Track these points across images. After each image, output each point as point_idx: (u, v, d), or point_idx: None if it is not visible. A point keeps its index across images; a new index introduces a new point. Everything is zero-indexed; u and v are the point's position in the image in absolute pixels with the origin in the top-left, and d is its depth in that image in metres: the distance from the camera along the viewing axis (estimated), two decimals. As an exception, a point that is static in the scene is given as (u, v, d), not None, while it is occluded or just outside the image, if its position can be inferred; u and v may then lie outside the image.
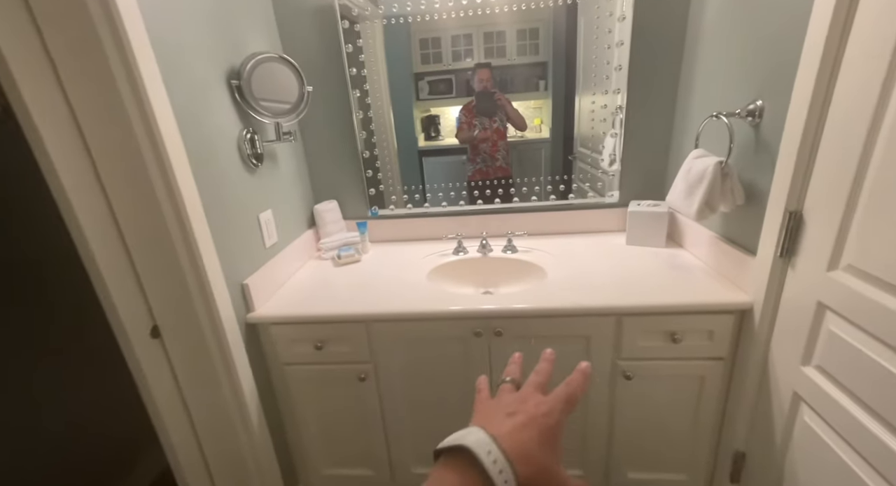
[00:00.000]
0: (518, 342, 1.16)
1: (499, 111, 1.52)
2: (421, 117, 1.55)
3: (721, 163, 1.02)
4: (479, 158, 1.58)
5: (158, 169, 0.84)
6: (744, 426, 1.10)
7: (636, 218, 1.43)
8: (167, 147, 0.84)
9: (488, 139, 1.55)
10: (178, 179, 0.86)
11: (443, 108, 1.54)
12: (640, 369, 1.14)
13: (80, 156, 0.82)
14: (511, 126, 1.54)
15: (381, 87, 1.49)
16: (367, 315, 1.14)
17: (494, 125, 1.53)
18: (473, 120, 1.54)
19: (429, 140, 1.58)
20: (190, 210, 0.89)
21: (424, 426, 1.30)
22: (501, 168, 1.58)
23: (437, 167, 1.60)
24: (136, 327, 0.92)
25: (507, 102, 1.50)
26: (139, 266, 0.91)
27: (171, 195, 0.86)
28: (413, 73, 1.48)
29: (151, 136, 0.81)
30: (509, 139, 1.55)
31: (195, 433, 1.07)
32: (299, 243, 1.47)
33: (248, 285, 1.14)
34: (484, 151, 1.57)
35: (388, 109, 1.52)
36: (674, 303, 1.06)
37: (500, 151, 1.56)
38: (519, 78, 1.48)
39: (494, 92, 1.49)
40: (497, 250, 1.49)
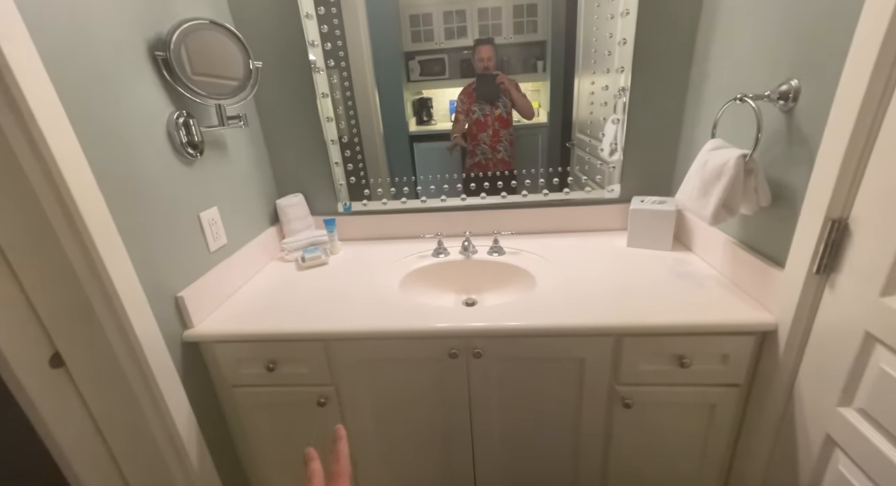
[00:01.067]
0: (501, 365, 1.00)
1: (502, 96, 1.33)
2: (412, 100, 1.37)
3: (745, 156, 0.84)
4: (478, 149, 1.39)
5: (38, 165, 0.66)
6: (761, 463, 0.95)
7: (639, 217, 1.25)
8: (45, 135, 0.65)
9: (489, 128, 1.37)
10: (66, 176, 0.68)
11: (435, 90, 1.35)
12: (642, 396, 0.99)
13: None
14: (517, 113, 1.35)
15: (364, 66, 1.30)
16: (325, 334, 0.97)
17: (497, 112, 1.34)
18: (473, 105, 1.35)
19: (421, 125, 1.40)
20: (85, 212, 0.71)
21: (397, 452, 1.15)
22: (503, 161, 1.39)
23: (431, 154, 1.42)
24: (28, 357, 0.75)
25: (513, 86, 1.31)
26: (26, 283, 0.73)
27: (58, 196, 0.68)
28: (403, 51, 1.29)
29: (20, 118, 0.63)
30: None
31: (122, 477, 0.92)
32: (258, 244, 1.29)
33: (182, 298, 0.96)
34: (484, 141, 1.38)
35: (373, 90, 1.33)
36: (683, 322, 0.90)
37: (503, 142, 1.38)
38: (516, 59, 1.30)
39: (497, 74, 1.30)
40: (482, 252, 1.32)
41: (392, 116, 1.37)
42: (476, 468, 1.14)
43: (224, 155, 1.17)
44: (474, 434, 1.09)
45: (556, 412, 1.05)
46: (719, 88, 1.07)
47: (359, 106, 1.34)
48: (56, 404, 0.79)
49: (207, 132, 1.08)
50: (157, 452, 0.91)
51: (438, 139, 1.41)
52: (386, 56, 1.30)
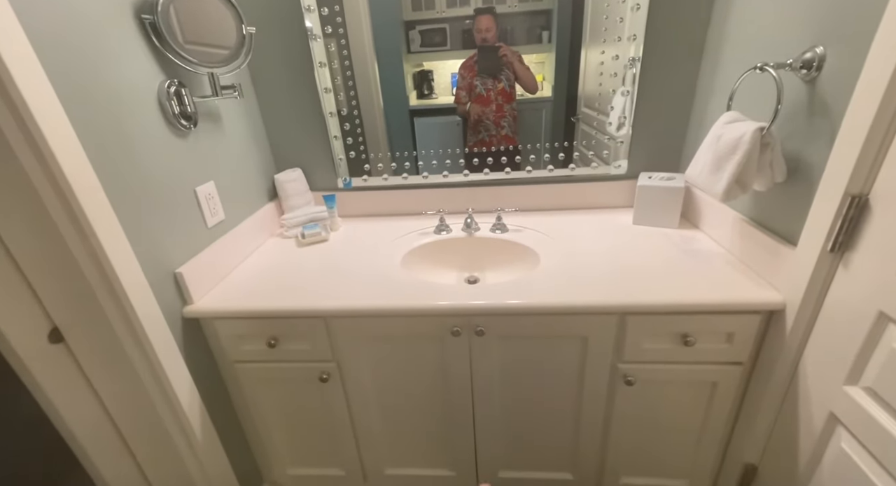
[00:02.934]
0: (503, 343, 1.00)
1: (504, 69, 1.27)
2: (412, 73, 1.31)
3: (762, 129, 0.81)
4: (481, 125, 1.34)
5: (23, 136, 0.63)
6: (759, 439, 0.95)
7: (646, 193, 1.22)
8: (31, 107, 0.62)
9: (492, 103, 1.31)
10: (53, 147, 0.65)
11: (437, 62, 1.29)
12: (644, 374, 0.98)
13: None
14: (520, 87, 1.29)
15: (363, 34, 1.23)
16: (327, 311, 0.96)
17: (500, 86, 1.29)
18: (475, 80, 1.29)
19: (421, 98, 1.34)
20: (76, 185, 0.68)
21: (398, 427, 1.16)
22: (507, 137, 1.35)
23: (431, 129, 1.37)
24: (27, 332, 0.74)
25: (517, 58, 1.25)
26: (19, 257, 0.71)
27: (46, 169, 0.65)
28: (403, 20, 1.22)
29: (4, 91, 0.59)
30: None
31: (128, 449, 0.93)
32: (256, 220, 1.27)
33: (181, 274, 0.95)
34: (487, 117, 1.33)
35: (372, 61, 1.27)
36: (689, 301, 0.89)
37: (507, 118, 1.33)
38: (519, 29, 1.23)
39: (499, 46, 1.24)
40: (485, 229, 1.29)
41: (392, 89, 1.31)
42: (477, 443, 1.16)
43: (219, 127, 1.13)
44: (476, 410, 1.10)
45: (558, 389, 1.05)
46: (738, 56, 1.02)
47: (357, 77, 1.29)
48: (57, 379, 0.79)
49: (201, 103, 1.03)
50: (162, 425, 0.92)
51: (440, 114, 1.36)
52: (385, 25, 1.24)
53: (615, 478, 1.17)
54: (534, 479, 1.21)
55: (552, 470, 1.19)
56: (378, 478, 1.25)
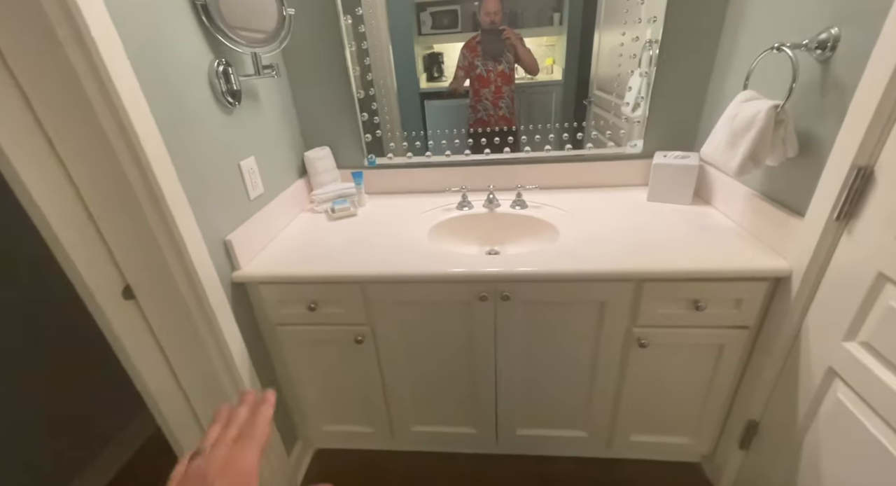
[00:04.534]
0: (527, 308, 1.08)
1: (507, 52, 1.31)
2: (423, 55, 1.35)
3: (777, 107, 0.86)
4: (480, 105, 1.40)
5: (107, 107, 0.70)
6: (761, 396, 1.04)
7: (661, 171, 1.28)
8: (114, 81, 0.69)
9: (491, 84, 1.36)
10: (132, 118, 0.72)
11: (447, 45, 1.33)
12: (657, 337, 1.06)
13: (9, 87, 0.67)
14: (521, 68, 1.34)
15: (379, 16, 1.28)
16: (363, 276, 1.04)
17: (500, 68, 1.33)
18: (476, 60, 1.34)
19: (431, 81, 1.39)
20: (150, 155, 0.75)
21: (425, 387, 1.26)
22: (504, 118, 1.40)
23: (441, 112, 1.43)
24: (105, 288, 0.83)
25: (519, 41, 1.29)
26: (99, 221, 0.79)
27: (126, 137, 0.72)
28: (414, 2, 1.26)
29: (91, 63, 0.66)
30: (516, 82, 1.36)
31: (185, 395, 1.02)
32: (289, 195, 1.34)
33: (231, 242, 1.03)
34: (486, 97, 1.38)
35: (387, 43, 1.32)
36: (702, 269, 0.96)
37: (505, 99, 1.38)
38: (530, 10, 1.26)
39: (503, 29, 1.28)
40: (505, 206, 1.36)
41: (404, 72, 1.35)
42: (498, 402, 1.25)
43: (257, 105, 1.19)
44: (498, 371, 1.19)
45: (575, 352, 1.14)
46: (754, 36, 1.06)
47: (373, 59, 1.33)
48: (129, 331, 0.88)
49: (244, 81, 1.09)
50: (216, 378, 1.01)
51: (450, 97, 1.40)
52: (398, 6, 1.27)
53: (625, 436, 1.26)
54: (550, 436, 1.30)
55: (567, 428, 1.29)
56: (405, 434, 1.35)
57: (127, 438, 1.52)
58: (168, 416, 1.00)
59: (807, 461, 0.91)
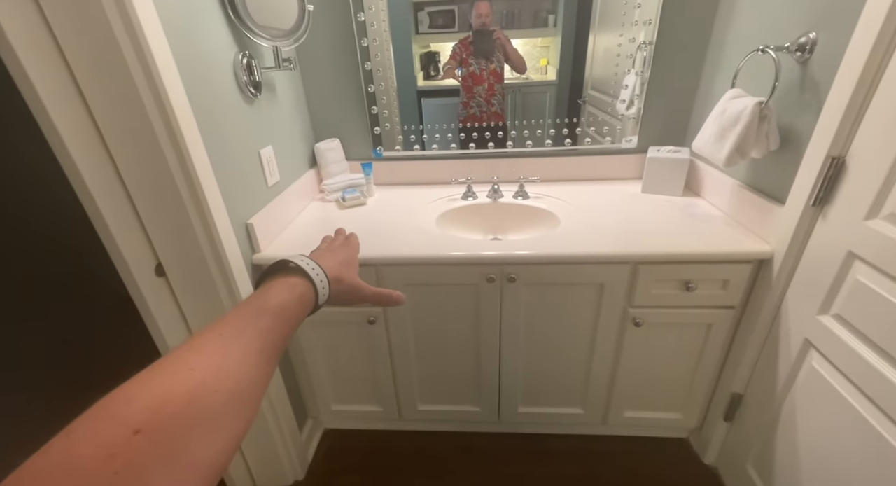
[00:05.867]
0: (531, 289, 1.15)
1: (497, 51, 1.39)
2: (420, 53, 1.42)
3: (761, 103, 0.95)
4: (473, 101, 1.47)
5: (150, 91, 0.75)
6: (745, 370, 1.13)
7: (655, 165, 1.37)
8: (159, 68, 0.74)
9: (485, 82, 1.43)
10: (174, 103, 0.77)
11: (443, 43, 1.40)
12: (650, 317, 1.15)
13: (61, 73, 0.72)
14: (510, 68, 1.41)
15: (380, 14, 1.34)
16: (378, 259, 1.11)
17: (491, 66, 1.41)
18: (469, 58, 1.41)
19: (428, 79, 1.46)
20: (187, 137, 0.81)
21: (432, 367, 1.32)
22: (496, 114, 1.48)
23: (437, 109, 1.49)
24: (140, 264, 0.88)
25: (508, 41, 1.37)
26: (136, 199, 0.84)
27: (166, 120, 0.78)
28: (412, 1, 1.33)
29: (139, 49, 0.71)
30: (508, 81, 1.43)
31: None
32: (301, 184, 1.40)
33: (252, 225, 1.08)
34: (479, 94, 1.45)
35: (388, 40, 1.38)
36: (692, 252, 1.04)
37: (497, 96, 1.45)
38: (525, 11, 1.33)
39: (494, 30, 1.35)
40: (508, 196, 1.44)
41: (403, 69, 1.41)
42: (501, 378, 1.32)
43: (274, 97, 1.24)
44: (502, 350, 1.26)
45: (574, 332, 1.22)
46: (740, 39, 1.15)
47: (376, 56, 1.38)
48: (159, 304, 0.93)
49: (264, 73, 1.15)
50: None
51: (447, 95, 1.46)
52: (397, 5, 1.32)
53: (619, 412, 1.35)
54: (549, 413, 1.38)
55: (565, 406, 1.37)
56: (411, 413, 1.42)
57: None
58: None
59: (784, 427, 1.00)
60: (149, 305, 0.90)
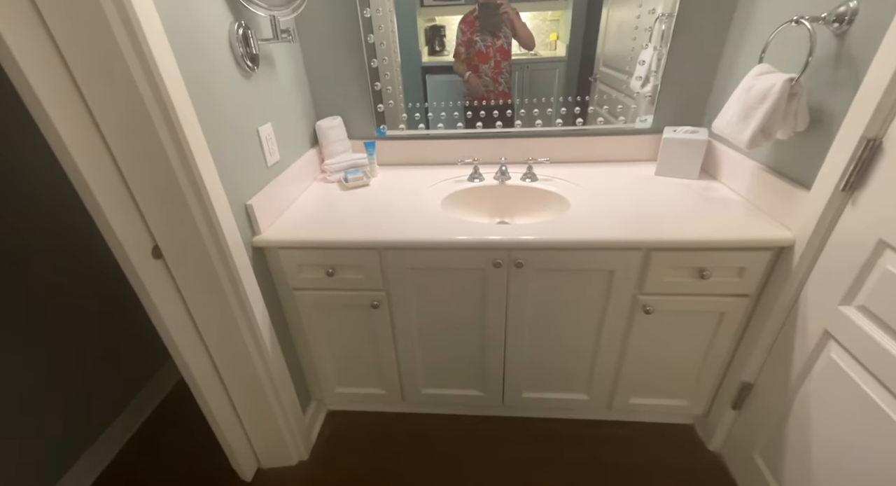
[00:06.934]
0: (538, 275, 1.12)
1: (504, 26, 1.30)
2: (425, 27, 1.34)
3: (791, 80, 0.88)
4: (480, 81, 1.40)
5: (139, 60, 0.70)
6: (757, 360, 1.10)
7: (671, 146, 1.31)
8: (147, 36, 0.69)
9: (490, 59, 1.36)
10: (164, 74, 0.73)
11: (449, 17, 1.32)
12: (661, 304, 1.11)
13: (43, 42, 0.67)
14: (517, 43, 1.33)
15: None
16: (381, 242, 1.07)
17: (499, 43, 1.33)
18: (475, 35, 1.33)
19: (433, 55, 1.39)
20: (181, 113, 0.76)
21: (436, 351, 1.31)
22: (504, 93, 1.41)
23: (443, 87, 1.42)
24: (136, 247, 0.85)
25: (516, 15, 1.29)
26: (129, 178, 0.81)
27: (157, 92, 0.73)
28: None
29: (125, 17, 0.66)
30: (515, 58, 1.35)
31: (207, 352, 1.06)
32: (302, 163, 1.35)
33: (252, 206, 1.05)
34: (486, 73, 1.38)
35: (392, 11, 1.30)
36: (709, 238, 1.00)
37: (504, 74, 1.38)
38: None
39: (501, 3, 1.27)
40: (516, 178, 1.39)
41: (407, 44, 1.34)
42: (506, 364, 1.30)
43: (273, 72, 1.18)
44: (507, 336, 1.24)
45: (582, 318, 1.19)
46: (773, 10, 1.07)
47: (380, 29, 1.31)
48: (157, 287, 0.91)
49: (261, 46, 1.09)
50: (240, 337, 1.04)
51: (451, 72, 1.39)
52: None
53: (625, 398, 1.33)
54: (553, 398, 1.37)
55: (570, 391, 1.35)
56: (415, 397, 1.41)
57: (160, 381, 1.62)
58: (194, 371, 1.03)
59: (796, 417, 0.98)
60: (146, 287, 0.87)
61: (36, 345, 1.19)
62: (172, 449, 1.43)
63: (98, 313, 1.39)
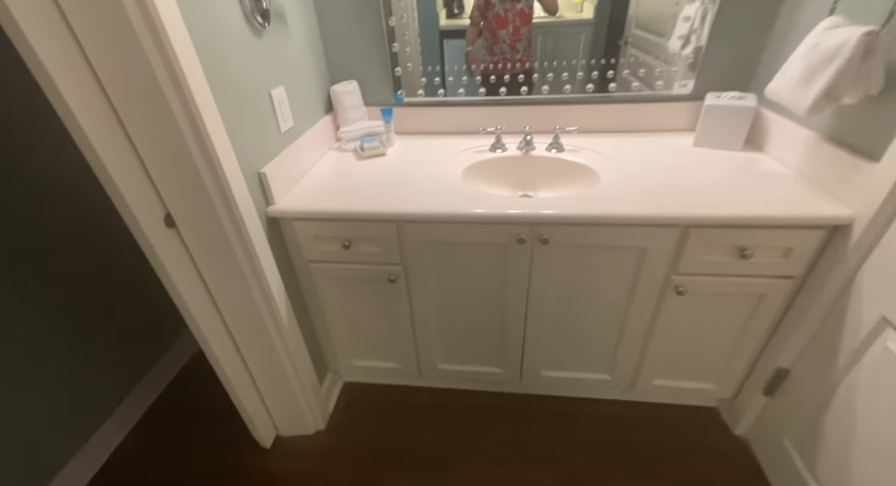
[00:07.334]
0: (564, 252, 1.06)
1: None
2: None
3: (870, 34, 0.77)
4: (496, 47, 1.29)
5: (143, 17, 0.64)
6: (797, 345, 1.04)
7: (714, 113, 1.20)
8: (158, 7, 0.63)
9: (509, 25, 1.24)
10: (169, 31, 0.67)
11: None
12: (696, 285, 1.05)
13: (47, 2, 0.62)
14: (540, 6, 1.22)
15: None
16: (400, 215, 1.02)
17: (518, 7, 1.21)
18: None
19: (451, 18, 1.28)
20: (188, 72, 0.71)
21: (454, 327, 1.28)
22: (521, 61, 1.30)
23: (462, 52, 1.32)
24: (148, 215, 0.82)
25: None
26: (138, 144, 0.76)
27: (162, 50, 0.68)
28: None
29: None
30: (537, 22, 1.24)
31: (224, 322, 1.05)
32: (317, 131, 1.29)
33: (265, 174, 1.00)
34: (503, 39, 1.27)
35: None
36: (753, 215, 0.91)
37: (523, 41, 1.27)
38: None
39: None
40: (541, 149, 1.30)
41: (424, 5, 1.25)
42: (525, 342, 1.27)
43: (284, 29, 1.11)
44: (528, 311, 1.19)
45: (609, 297, 1.13)
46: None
47: None
48: (170, 256, 0.88)
49: (272, 0, 1.01)
50: (254, 308, 1.03)
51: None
52: None
53: (648, 379, 1.29)
54: (573, 378, 1.34)
55: (592, 371, 1.32)
56: (431, 372, 1.40)
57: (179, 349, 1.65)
58: (210, 341, 1.03)
59: (838, 408, 0.92)
60: (159, 256, 0.85)
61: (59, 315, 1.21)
62: (194, 414, 1.46)
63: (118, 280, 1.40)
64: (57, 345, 1.21)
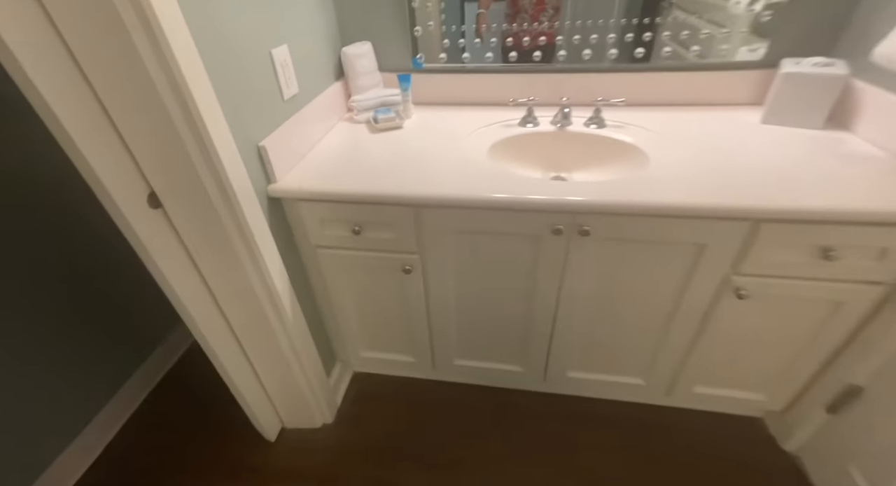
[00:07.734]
0: (605, 245, 0.91)
1: None
2: None
3: None
4: (518, 17, 1.11)
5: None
6: (876, 360, 0.89)
7: (792, 83, 1.01)
8: None
9: None
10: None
11: None
12: (760, 288, 0.90)
13: None
14: None
15: None
16: (416, 198, 0.88)
17: None
18: None
19: None
20: (165, 20, 0.57)
21: (474, 323, 1.16)
22: (544, 33, 1.12)
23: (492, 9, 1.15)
24: (127, 194, 0.71)
25: None
26: (114, 115, 0.64)
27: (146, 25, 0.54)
28: None
29: None
30: None
31: (221, 312, 0.96)
32: (325, 99, 1.14)
33: (265, 148, 0.87)
34: (525, 9, 1.09)
35: None
36: (844, 208, 0.75)
37: (547, 11, 1.09)
38: None
39: None
40: (578, 124, 1.13)
41: None
42: (553, 341, 1.15)
43: (288, -24, 0.95)
44: (559, 310, 1.06)
45: (654, 297, 0.99)
46: None
47: None
48: (158, 243, 0.77)
49: (271, -64, 0.85)
50: (252, 294, 0.92)
51: None
52: None
53: (688, 386, 1.16)
54: (602, 381, 1.22)
55: (624, 375, 1.19)
56: (447, 367, 1.29)
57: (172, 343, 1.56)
58: (205, 331, 0.93)
59: (926, 437, 0.79)
60: (142, 241, 0.74)
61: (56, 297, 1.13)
62: (196, 404, 1.40)
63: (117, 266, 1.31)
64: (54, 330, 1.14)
